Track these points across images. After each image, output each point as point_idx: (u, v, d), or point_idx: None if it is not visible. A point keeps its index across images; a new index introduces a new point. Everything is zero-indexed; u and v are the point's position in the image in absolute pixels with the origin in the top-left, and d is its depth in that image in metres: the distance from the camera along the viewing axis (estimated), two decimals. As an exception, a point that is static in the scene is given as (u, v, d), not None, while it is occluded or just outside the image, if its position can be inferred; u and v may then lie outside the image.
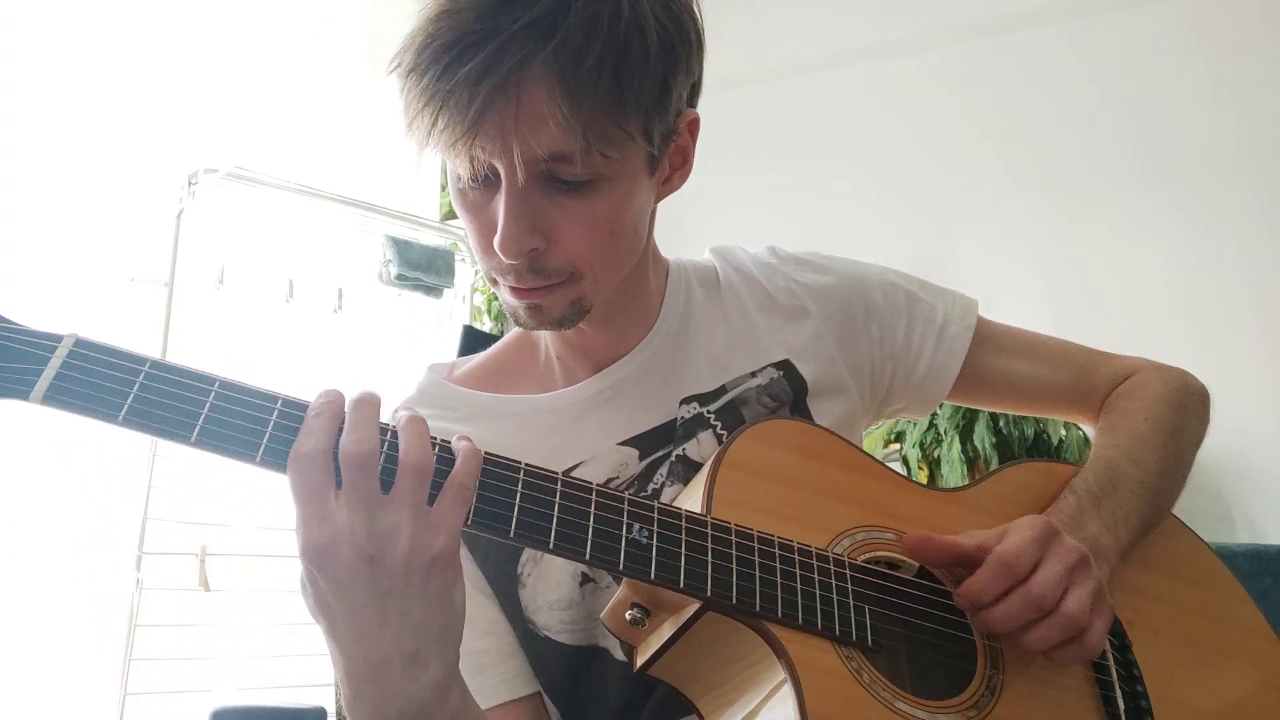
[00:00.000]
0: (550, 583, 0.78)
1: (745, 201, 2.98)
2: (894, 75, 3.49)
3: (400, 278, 2.75)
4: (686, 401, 0.82)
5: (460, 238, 3.08)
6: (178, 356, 2.18)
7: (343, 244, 2.72)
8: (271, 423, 0.55)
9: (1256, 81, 2.94)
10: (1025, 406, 0.97)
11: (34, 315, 0.59)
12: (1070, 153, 3.18)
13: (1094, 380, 0.94)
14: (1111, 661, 0.73)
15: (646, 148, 0.70)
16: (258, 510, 2.30)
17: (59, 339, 0.55)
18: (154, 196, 2.28)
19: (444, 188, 3.29)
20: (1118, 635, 0.75)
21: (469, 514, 0.57)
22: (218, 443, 0.54)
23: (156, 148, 2.28)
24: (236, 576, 2.24)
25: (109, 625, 2.02)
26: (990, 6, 3.32)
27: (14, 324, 0.56)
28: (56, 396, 0.53)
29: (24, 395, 0.53)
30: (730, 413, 0.82)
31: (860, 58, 3.54)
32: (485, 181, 0.69)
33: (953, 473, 2.77)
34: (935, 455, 2.78)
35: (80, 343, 0.55)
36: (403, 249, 2.74)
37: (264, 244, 2.52)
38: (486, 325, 3.16)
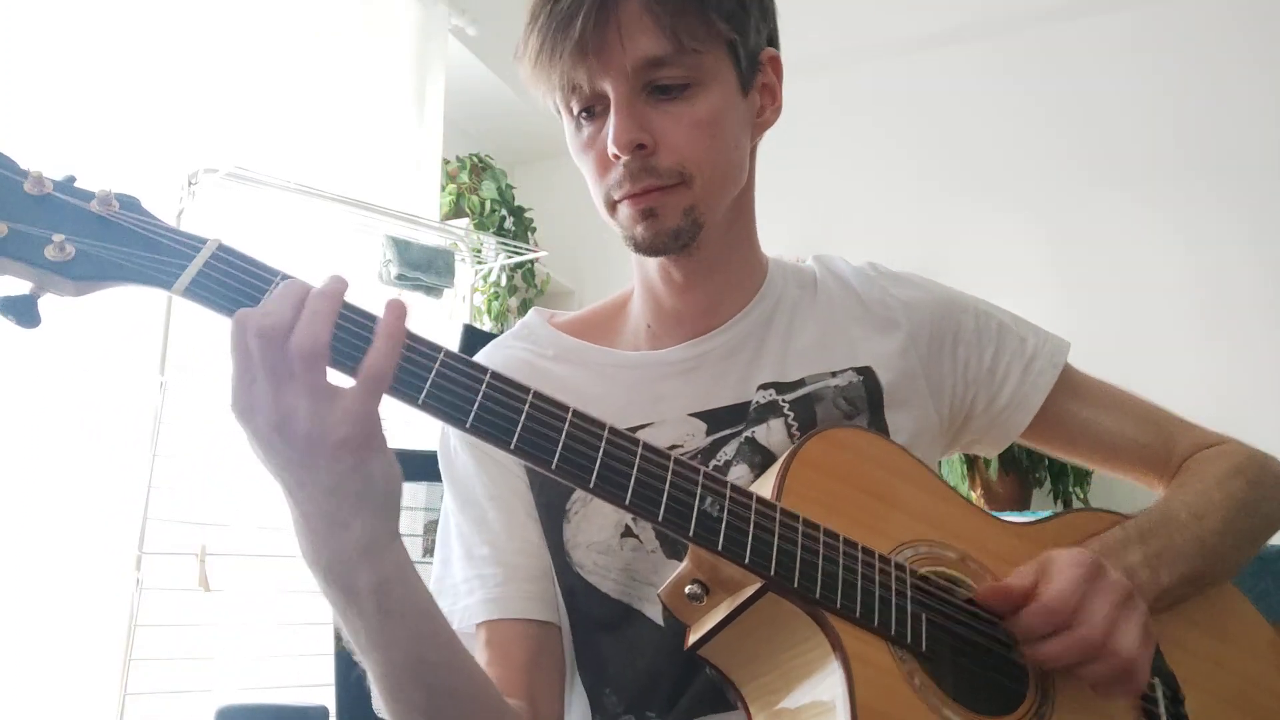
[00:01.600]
0: (593, 524, 0.81)
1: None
2: (896, 75, 3.49)
3: (400, 278, 2.74)
4: (764, 387, 0.85)
5: (460, 238, 3.08)
6: (178, 355, 2.18)
7: (343, 244, 2.71)
8: (408, 358, 0.61)
9: (1265, 73, 2.94)
10: (1099, 459, 0.96)
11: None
12: (1078, 147, 3.18)
13: (1175, 443, 0.93)
14: (1163, 710, 0.73)
15: (732, 58, 0.79)
16: (258, 510, 2.30)
17: (204, 241, 0.62)
18: (154, 196, 2.28)
19: (444, 188, 3.30)
20: (1171, 688, 0.75)
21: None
22: (337, 358, 0.60)
23: (156, 148, 2.28)
24: (236, 576, 2.24)
25: (109, 625, 2.02)
26: (990, 9, 3.32)
27: (164, 223, 0.63)
28: (197, 291, 0.59)
29: (168, 285, 0.59)
30: (804, 406, 0.84)
31: (867, 53, 3.54)
32: (594, 113, 0.78)
33: (952, 472, 2.77)
34: (935, 455, 2.78)
35: (223, 248, 0.61)
36: (403, 249, 2.74)
37: (264, 244, 2.52)
38: (487, 325, 3.17)
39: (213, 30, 2.44)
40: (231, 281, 0.60)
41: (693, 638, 0.68)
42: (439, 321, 2.94)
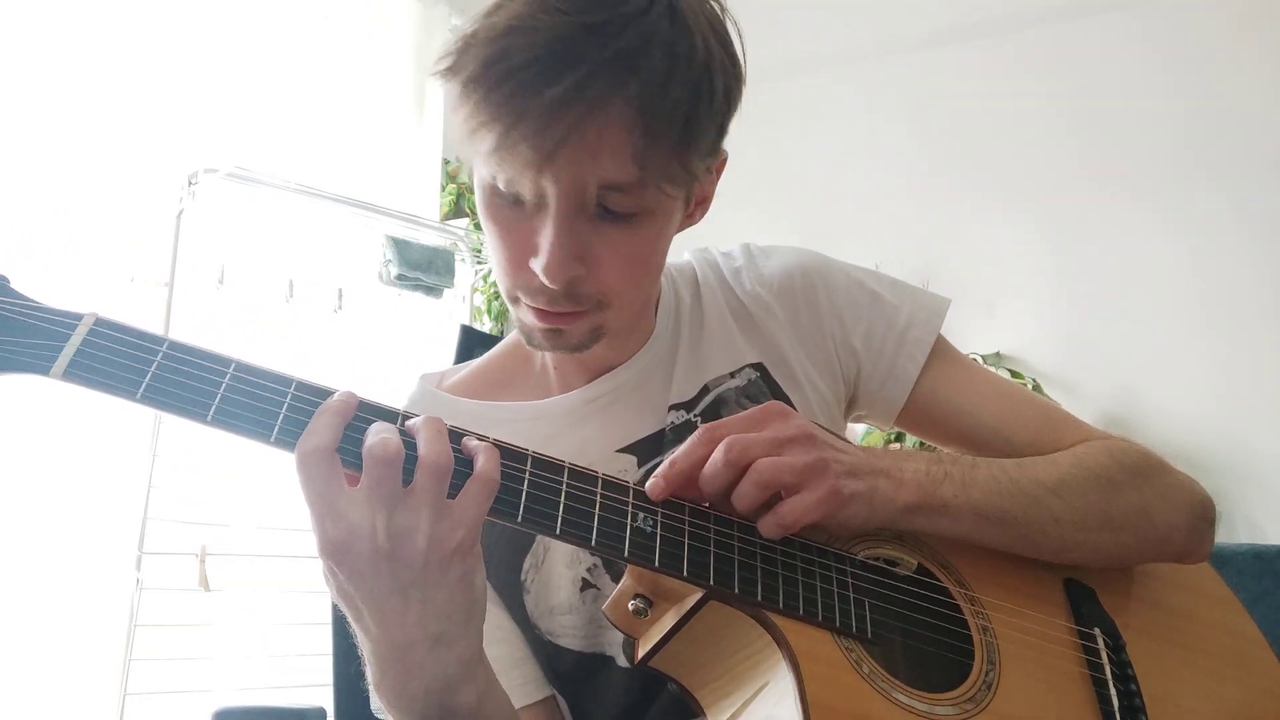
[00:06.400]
0: (551, 588, 0.78)
1: (745, 200, 2.98)
2: (896, 74, 3.49)
3: (400, 278, 2.75)
4: (674, 408, 0.83)
5: (460, 238, 3.08)
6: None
7: (343, 244, 2.72)
8: (285, 404, 0.57)
9: (1272, 75, 2.94)
10: (979, 438, 0.86)
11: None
12: (1080, 148, 3.17)
13: (1063, 435, 0.85)
14: (1106, 660, 0.74)
15: (688, 187, 0.72)
16: (258, 510, 2.30)
17: (79, 317, 0.57)
18: (154, 196, 2.28)
19: (444, 188, 3.30)
20: (1113, 636, 0.76)
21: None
22: (233, 422, 0.56)
23: (156, 148, 2.28)
24: (236, 576, 2.24)
25: (109, 625, 2.02)
26: (991, 7, 3.32)
27: (36, 302, 0.57)
28: (76, 373, 0.55)
29: (45, 371, 0.54)
30: (712, 412, 0.83)
31: (861, 56, 3.54)
32: (522, 200, 0.68)
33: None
34: (935, 455, 2.79)
35: (100, 321, 0.57)
36: (403, 249, 2.74)
37: (264, 244, 2.52)
38: (486, 325, 3.17)
39: (213, 30, 2.45)
40: (114, 358, 0.55)
41: (641, 651, 0.68)
42: (439, 321, 2.94)
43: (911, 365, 0.86)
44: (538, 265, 0.68)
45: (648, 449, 0.82)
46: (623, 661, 0.77)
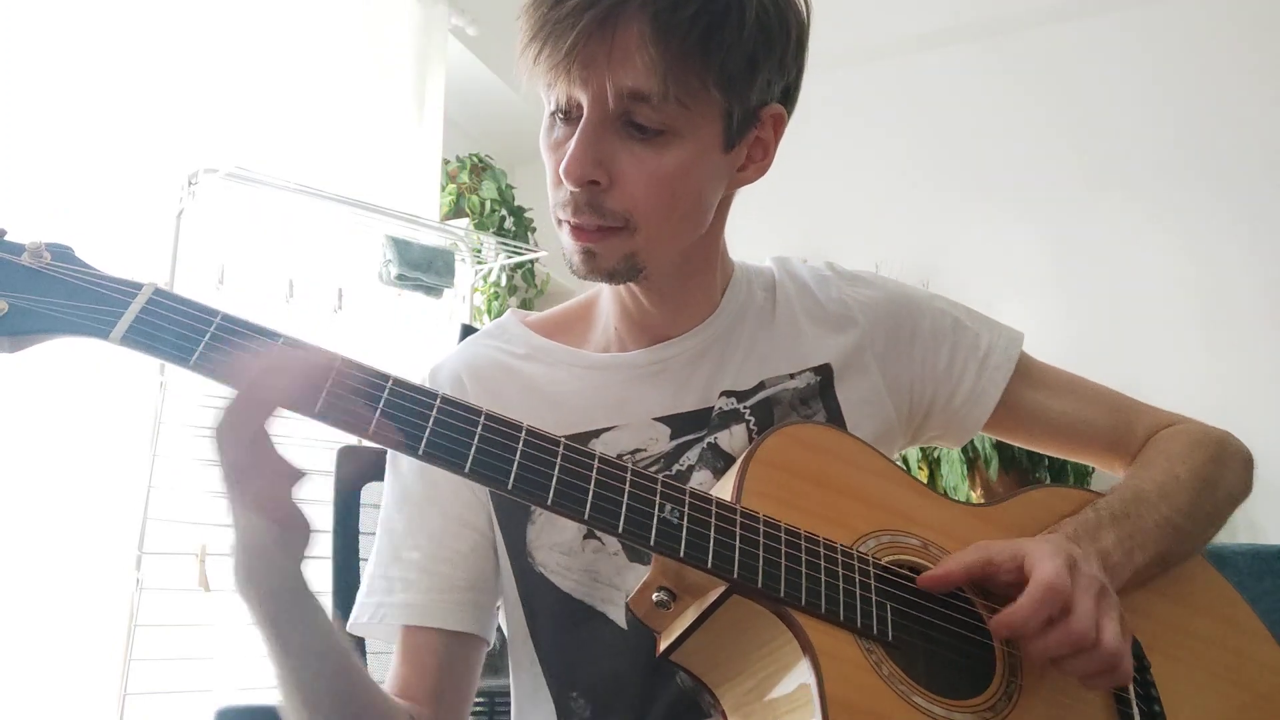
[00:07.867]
0: (556, 525, 0.82)
1: (746, 200, 2.98)
2: (896, 76, 3.49)
3: (400, 278, 2.75)
4: (726, 395, 0.85)
5: (460, 238, 3.08)
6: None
7: (343, 244, 2.72)
8: (330, 380, 0.60)
9: (1267, 78, 2.94)
10: (1060, 445, 0.96)
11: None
12: (1078, 150, 3.18)
13: (1134, 426, 0.94)
14: (1130, 680, 0.74)
15: (723, 116, 0.75)
16: (258, 510, 2.29)
17: (139, 286, 0.60)
18: (154, 196, 2.28)
19: (444, 188, 3.30)
20: (1137, 656, 0.75)
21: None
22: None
23: (156, 148, 2.28)
24: (236, 576, 2.24)
25: (109, 625, 2.02)
26: (989, 9, 3.32)
27: (98, 270, 0.61)
28: (134, 338, 0.58)
29: (104, 335, 0.58)
30: (763, 409, 0.85)
31: (864, 55, 3.55)
32: (570, 117, 0.75)
33: (953, 472, 2.77)
34: (935, 455, 2.79)
35: (159, 291, 0.60)
36: (403, 249, 2.74)
37: (264, 244, 2.52)
38: (487, 325, 3.17)
39: (213, 30, 2.45)
40: (169, 325, 0.59)
41: (663, 644, 0.68)
42: (439, 321, 2.94)
43: (993, 389, 0.91)
44: (561, 167, 0.73)
45: (685, 424, 0.84)
46: (620, 622, 0.79)
